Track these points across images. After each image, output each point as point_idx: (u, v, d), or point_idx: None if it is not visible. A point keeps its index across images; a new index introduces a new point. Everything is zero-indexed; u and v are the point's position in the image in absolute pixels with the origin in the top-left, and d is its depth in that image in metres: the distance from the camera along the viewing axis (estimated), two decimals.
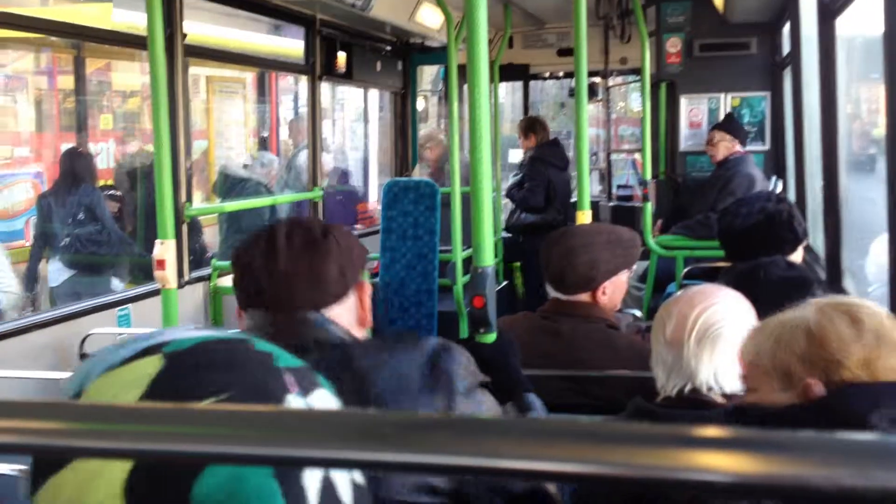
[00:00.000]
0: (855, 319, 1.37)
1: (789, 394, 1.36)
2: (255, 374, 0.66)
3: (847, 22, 3.63)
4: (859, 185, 4.20)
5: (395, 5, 5.71)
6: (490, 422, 0.43)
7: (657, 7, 6.67)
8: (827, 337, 1.36)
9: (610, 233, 2.70)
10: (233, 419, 0.45)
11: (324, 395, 0.68)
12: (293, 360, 0.69)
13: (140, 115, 9.69)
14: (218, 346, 0.68)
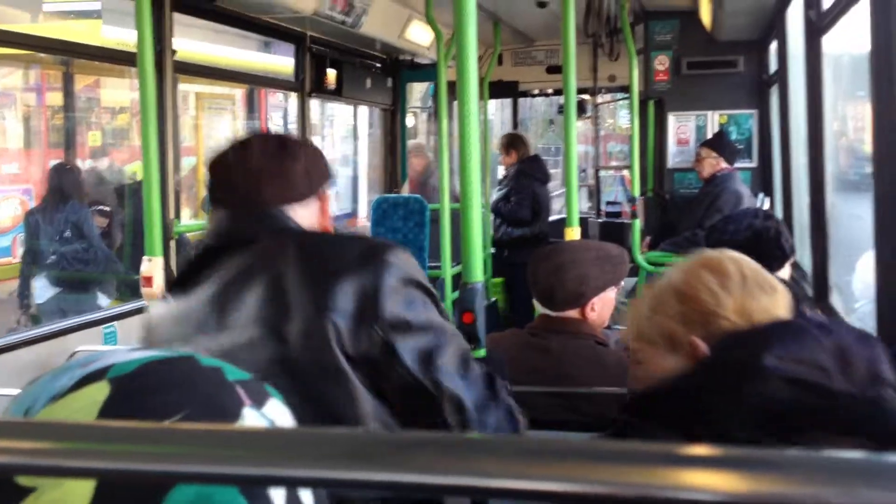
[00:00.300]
0: (719, 271, 1.37)
1: (677, 357, 1.35)
2: (206, 390, 0.65)
3: (834, 40, 3.66)
4: (847, 203, 4.23)
5: (386, 22, 5.73)
6: (475, 440, 0.43)
7: (645, 25, 6.71)
8: (697, 292, 1.36)
9: (598, 249, 2.70)
10: (210, 438, 0.44)
11: (276, 406, 0.67)
12: (240, 374, 0.68)
13: (129, 131, 9.68)
14: (162, 367, 0.66)
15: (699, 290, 1.37)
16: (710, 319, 1.35)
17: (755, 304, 1.35)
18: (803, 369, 1.23)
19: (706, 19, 6.16)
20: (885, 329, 2.31)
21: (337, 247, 1.61)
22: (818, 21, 3.63)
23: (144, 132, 2.74)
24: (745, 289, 1.36)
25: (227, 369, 0.67)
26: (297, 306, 1.53)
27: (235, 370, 0.68)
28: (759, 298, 1.36)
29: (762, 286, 1.37)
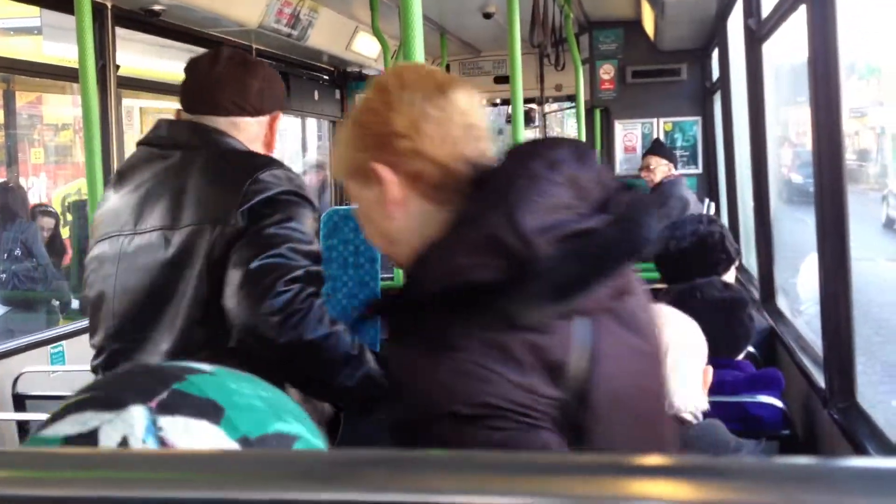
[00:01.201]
0: (383, 89, 1.30)
1: (371, 188, 1.28)
2: (138, 384, 0.65)
3: (774, 48, 3.74)
4: (789, 206, 4.32)
5: (332, 35, 5.72)
6: (430, 457, 0.43)
7: (590, 35, 6.79)
8: (366, 115, 1.30)
9: None
10: (156, 462, 0.44)
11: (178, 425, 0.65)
12: (201, 391, 0.65)
13: (73, 147, 9.51)
14: (139, 368, 0.68)
15: (367, 115, 1.30)
16: (385, 141, 1.26)
17: (426, 118, 1.25)
18: (560, 218, 1.16)
19: (649, 28, 6.26)
20: (829, 328, 2.37)
21: (231, 165, 1.82)
22: (758, 30, 3.71)
23: (88, 148, 2.69)
24: (413, 105, 1.26)
25: (189, 383, 0.65)
26: (186, 217, 1.77)
27: (201, 388, 0.65)
28: (429, 111, 1.25)
29: (430, 98, 1.26)
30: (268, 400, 0.67)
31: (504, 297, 1.13)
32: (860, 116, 27.51)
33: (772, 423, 2.36)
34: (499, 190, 1.21)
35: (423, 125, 1.25)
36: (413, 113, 1.25)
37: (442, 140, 1.25)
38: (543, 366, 1.15)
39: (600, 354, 1.17)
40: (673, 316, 1.86)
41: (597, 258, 1.16)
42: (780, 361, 3.18)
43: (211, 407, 0.63)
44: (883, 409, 6.66)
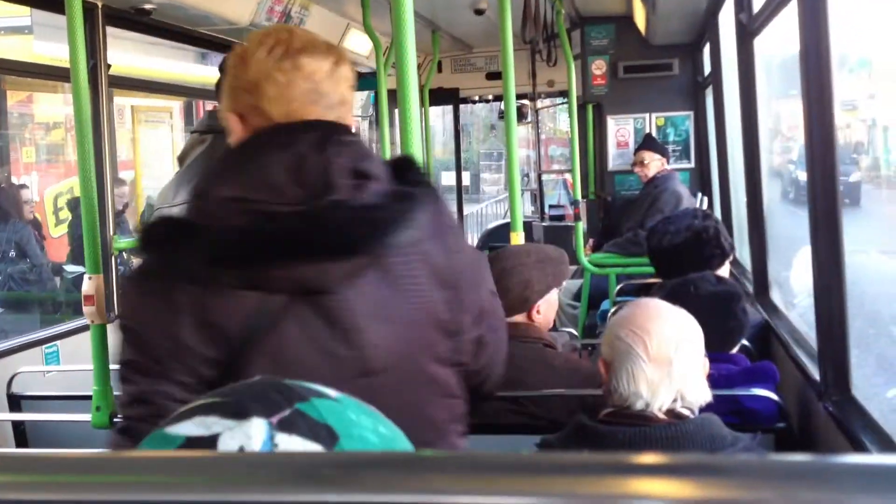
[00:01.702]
0: (243, 48, 1.40)
1: (231, 132, 1.41)
2: (266, 398, 0.67)
3: (766, 41, 3.75)
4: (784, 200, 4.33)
5: (323, 32, 5.70)
6: (427, 457, 0.43)
7: (581, 30, 6.79)
8: (228, 71, 1.42)
9: (538, 252, 2.73)
10: (157, 464, 0.44)
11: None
12: (318, 415, 0.66)
13: (64, 146, 9.49)
14: (288, 383, 0.69)
15: (230, 66, 1.41)
16: (235, 94, 1.38)
17: (268, 79, 1.35)
18: (258, 196, 1.27)
19: (640, 24, 6.26)
20: (823, 321, 2.37)
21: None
22: (749, 24, 3.71)
23: (80, 148, 2.68)
24: (260, 66, 1.35)
25: (312, 406, 0.67)
26: None
27: (321, 413, 0.66)
28: (273, 73, 1.35)
29: (278, 61, 1.35)
30: (384, 437, 0.68)
31: (178, 249, 1.27)
32: (851, 109, 27.55)
33: (767, 416, 2.37)
34: (229, 156, 1.36)
35: (264, 85, 1.34)
36: (259, 73, 1.34)
37: (279, 101, 1.34)
38: (201, 322, 1.27)
39: (270, 329, 1.27)
40: (672, 312, 1.87)
41: (264, 240, 1.25)
42: (774, 355, 3.19)
43: (327, 432, 0.65)
44: (878, 401, 6.68)
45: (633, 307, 1.91)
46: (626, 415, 1.80)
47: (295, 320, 1.29)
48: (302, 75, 1.35)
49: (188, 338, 1.27)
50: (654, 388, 1.77)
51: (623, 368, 1.79)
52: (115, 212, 4.35)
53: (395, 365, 1.38)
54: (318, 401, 0.67)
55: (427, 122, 7.04)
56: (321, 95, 1.36)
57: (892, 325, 9.29)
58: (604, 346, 1.88)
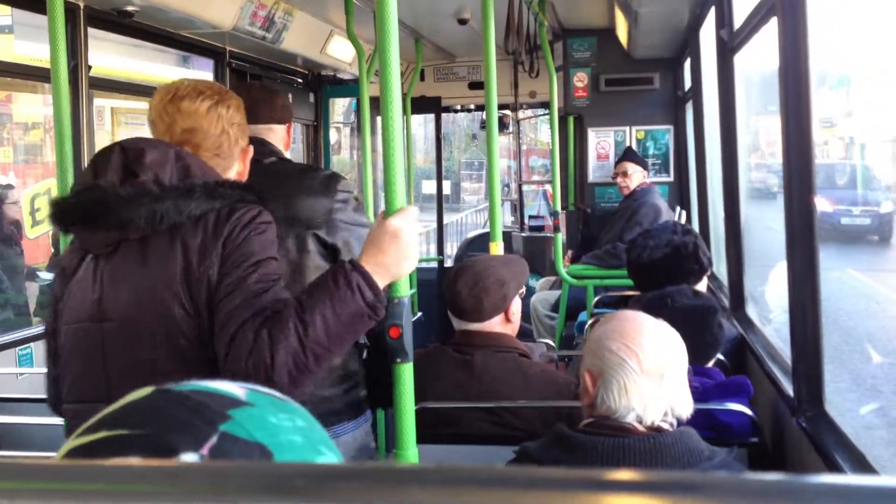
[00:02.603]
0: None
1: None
2: (187, 424, 0.65)
3: (746, 57, 3.78)
4: (761, 214, 4.36)
5: (307, 38, 5.70)
6: (403, 470, 0.43)
7: (564, 42, 6.82)
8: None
9: (498, 257, 2.86)
10: (128, 473, 0.43)
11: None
12: (247, 433, 0.66)
13: (43, 147, 9.41)
14: (195, 397, 0.67)
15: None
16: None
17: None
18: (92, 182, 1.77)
19: (623, 37, 6.30)
20: (798, 337, 2.39)
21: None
22: (730, 40, 3.75)
23: (59, 150, 2.66)
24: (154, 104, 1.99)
25: (236, 423, 0.66)
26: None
27: (249, 429, 0.66)
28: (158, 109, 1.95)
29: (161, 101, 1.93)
30: (304, 431, 0.69)
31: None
32: (830, 126, 27.85)
33: (741, 430, 2.38)
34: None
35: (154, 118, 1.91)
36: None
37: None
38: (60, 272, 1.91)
39: (73, 280, 1.85)
40: (661, 326, 1.87)
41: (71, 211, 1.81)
42: (749, 369, 3.21)
43: (259, 451, 0.64)
44: (851, 416, 6.74)
45: (620, 320, 1.91)
46: (605, 426, 1.80)
47: (99, 268, 1.82)
48: (181, 115, 1.92)
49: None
50: (647, 400, 1.78)
51: (615, 381, 1.79)
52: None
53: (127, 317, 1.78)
54: (238, 413, 0.66)
55: (409, 130, 7.05)
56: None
57: (866, 342, 9.38)
58: (590, 357, 1.87)
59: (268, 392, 0.71)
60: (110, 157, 1.77)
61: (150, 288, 1.76)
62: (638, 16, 5.03)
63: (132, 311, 1.76)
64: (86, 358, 1.81)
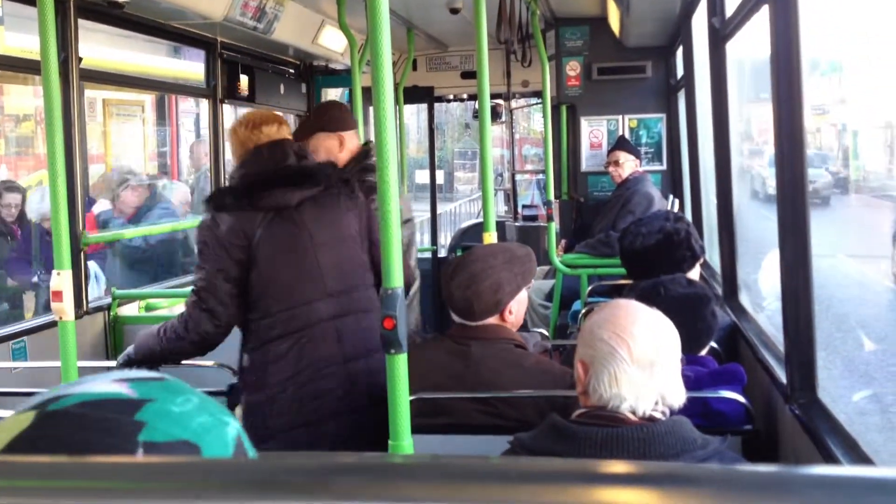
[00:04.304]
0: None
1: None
2: (103, 448, 0.64)
3: (739, 45, 3.78)
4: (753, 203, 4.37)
5: (298, 28, 5.68)
6: (397, 464, 0.43)
7: (556, 31, 6.81)
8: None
9: (505, 252, 2.71)
10: (124, 471, 0.43)
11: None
12: (166, 434, 0.66)
13: (34, 139, 9.38)
14: (91, 412, 0.66)
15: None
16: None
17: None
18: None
19: (615, 26, 6.29)
20: (791, 324, 2.40)
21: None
22: (722, 28, 3.75)
23: (49, 142, 2.65)
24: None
25: (154, 426, 0.66)
26: None
27: (169, 429, 0.67)
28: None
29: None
30: (204, 407, 0.70)
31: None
32: (822, 114, 27.87)
33: (734, 418, 2.39)
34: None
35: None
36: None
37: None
38: (239, 229, 2.82)
39: (263, 232, 2.83)
40: (652, 315, 1.88)
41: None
42: (742, 357, 3.22)
43: (185, 447, 0.66)
44: (844, 403, 6.76)
45: (612, 309, 1.91)
46: (598, 416, 1.81)
47: (271, 224, 2.87)
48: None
49: (233, 238, 2.85)
50: (637, 390, 1.78)
51: (605, 370, 1.80)
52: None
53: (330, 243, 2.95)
54: (143, 416, 0.66)
55: (401, 120, 7.04)
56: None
57: (858, 329, 9.41)
58: (582, 347, 1.87)
59: (146, 377, 0.72)
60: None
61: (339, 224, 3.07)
62: (630, 4, 5.02)
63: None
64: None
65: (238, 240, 2.80)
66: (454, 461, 0.43)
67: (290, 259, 2.84)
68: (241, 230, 2.80)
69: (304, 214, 2.88)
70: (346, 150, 3.44)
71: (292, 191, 2.86)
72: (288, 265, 2.84)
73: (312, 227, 2.88)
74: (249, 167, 2.88)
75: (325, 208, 2.92)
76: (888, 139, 21.72)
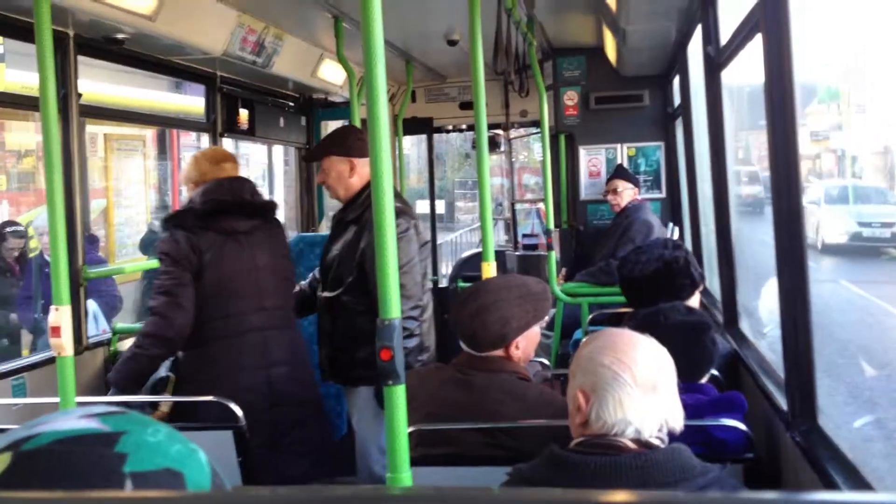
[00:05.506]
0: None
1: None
2: (91, 482, 0.64)
3: (736, 72, 3.80)
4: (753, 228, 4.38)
5: (297, 62, 5.72)
6: (395, 494, 0.43)
7: (553, 62, 6.86)
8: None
9: (520, 286, 2.68)
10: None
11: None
12: (151, 463, 0.67)
13: (35, 174, 9.42)
14: (71, 448, 0.66)
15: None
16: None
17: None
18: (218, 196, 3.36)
19: (611, 55, 6.33)
20: (790, 351, 2.39)
21: None
22: (717, 56, 3.77)
23: (49, 177, 2.66)
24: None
25: (135, 457, 0.66)
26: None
27: (150, 458, 0.67)
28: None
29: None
30: (172, 437, 0.72)
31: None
32: (822, 140, 27.98)
33: (735, 446, 2.38)
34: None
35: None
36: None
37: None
38: (196, 244, 3.31)
39: (215, 250, 3.34)
40: (648, 340, 1.87)
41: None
42: (743, 384, 3.20)
43: (170, 475, 0.67)
44: (847, 429, 6.72)
45: (608, 336, 1.91)
46: (597, 444, 1.80)
47: (221, 244, 3.34)
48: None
49: (189, 255, 3.29)
50: (643, 414, 1.77)
51: (610, 396, 1.79)
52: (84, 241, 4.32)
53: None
54: (123, 448, 0.67)
55: (401, 150, 7.06)
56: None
57: (860, 354, 9.37)
58: (582, 375, 1.86)
59: (111, 410, 0.73)
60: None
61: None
62: (626, 34, 5.06)
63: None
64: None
65: (193, 253, 3.31)
66: (452, 490, 0.43)
67: (234, 275, 3.37)
68: (198, 246, 3.32)
69: (251, 240, 3.45)
70: (358, 177, 3.62)
71: (245, 220, 3.44)
72: (231, 280, 3.37)
73: (256, 252, 3.45)
74: (212, 195, 3.38)
75: (266, 237, 3.52)
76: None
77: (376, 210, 1.89)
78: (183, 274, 3.30)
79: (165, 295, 3.29)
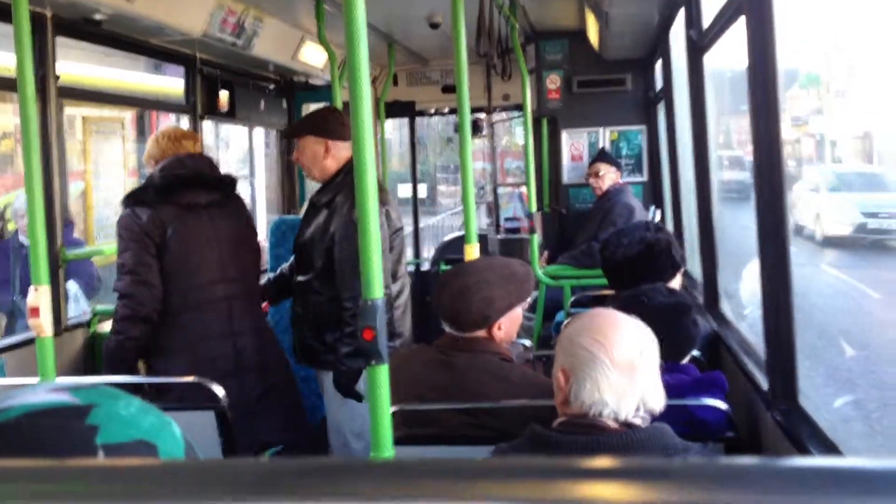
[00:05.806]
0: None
1: None
2: (63, 454, 0.65)
3: (717, 57, 3.81)
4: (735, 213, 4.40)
5: (278, 44, 5.68)
6: (380, 465, 0.43)
7: (536, 45, 6.84)
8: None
9: (503, 267, 2.68)
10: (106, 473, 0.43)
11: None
12: (123, 435, 0.67)
13: (14, 157, 9.32)
14: (41, 421, 0.67)
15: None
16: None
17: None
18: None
19: (594, 39, 6.33)
20: (771, 332, 2.41)
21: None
22: (699, 40, 3.78)
23: (27, 159, 2.64)
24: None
25: (106, 429, 0.67)
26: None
27: (122, 430, 0.67)
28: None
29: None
30: (145, 410, 0.72)
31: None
32: (801, 125, 28.13)
33: (717, 425, 2.40)
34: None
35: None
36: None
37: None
38: (157, 218, 3.34)
39: (177, 223, 3.36)
40: (629, 321, 1.88)
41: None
42: (724, 364, 3.23)
43: (143, 447, 0.67)
44: (826, 410, 6.79)
45: (590, 317, 1.92)
46: (579, 424, 1.81)
47: (181, 216, 3.38)
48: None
49: (150, 230, 3.33)
50: (619, 395, 1.78)
51: (587, 377, 1.80)
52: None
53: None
54: (94, 420, 0.67)
55: (383, 134, 7.04)
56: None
57: (839, 337, 9.47)
58: (563, 355, 1.87)
59: (82, 384, 0.73)
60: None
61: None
62: (608, 17, 5.06)
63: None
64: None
65: (156, 228, 3.35)
66: (437, 461, 0.43)
67: (196, 247, 3.44)
68: (160, 219, 3.36)
69: (212, 213, 3.50)
70: (332, 159, 3.58)
71: (205, 193, 3.49)
72: (195, 252, 3.43)
73: (219, 224, 3.52)
74: (171, 170, 3.44)
75: (227, 210, 3.57)
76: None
77: (359, 192, 1.88)
78: (143, 250, 3.33)
79: (130, 274, 3.33)
